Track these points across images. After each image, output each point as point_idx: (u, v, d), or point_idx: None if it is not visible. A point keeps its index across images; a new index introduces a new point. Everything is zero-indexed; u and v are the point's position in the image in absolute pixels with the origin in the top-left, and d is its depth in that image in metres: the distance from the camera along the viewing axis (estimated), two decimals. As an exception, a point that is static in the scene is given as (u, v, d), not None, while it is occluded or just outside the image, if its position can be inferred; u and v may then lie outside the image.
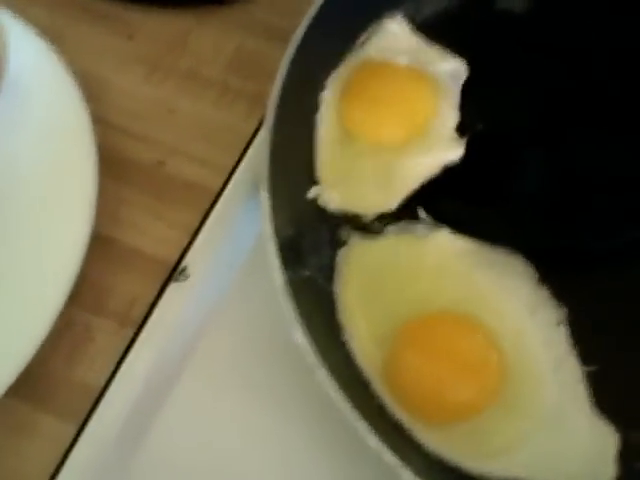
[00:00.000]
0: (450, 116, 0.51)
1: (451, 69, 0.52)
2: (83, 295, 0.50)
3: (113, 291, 0.51)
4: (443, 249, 0.47)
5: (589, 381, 0.43)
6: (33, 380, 0.47)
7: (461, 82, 0.52)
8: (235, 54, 0.60)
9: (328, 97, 0.51)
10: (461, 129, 0.50)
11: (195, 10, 0.62)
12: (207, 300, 0.49)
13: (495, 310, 0.45)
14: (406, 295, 0.46)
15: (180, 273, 0.48)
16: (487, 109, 0.51)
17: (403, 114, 0.51)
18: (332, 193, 0.49)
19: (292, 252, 0.45)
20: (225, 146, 0.55)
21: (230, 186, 0.51)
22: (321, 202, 0.48)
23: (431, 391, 0.43)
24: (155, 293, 0.50)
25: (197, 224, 0.51)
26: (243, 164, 0.52)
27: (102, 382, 0.47)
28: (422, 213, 0.48)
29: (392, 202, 0.48)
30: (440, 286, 0.46)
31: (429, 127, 0.50)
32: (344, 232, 0.48)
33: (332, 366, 0.41)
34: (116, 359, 0.48)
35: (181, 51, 0.60)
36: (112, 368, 0.47)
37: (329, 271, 0.47)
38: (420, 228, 0.48)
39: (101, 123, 0.54)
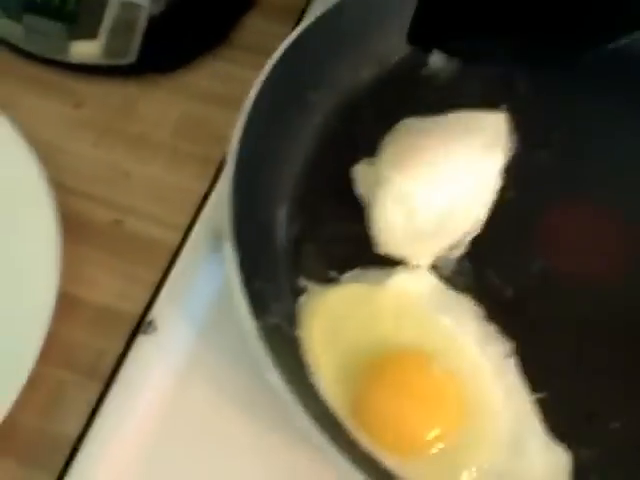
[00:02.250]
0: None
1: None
2: (53, 352, 0.50)
3: (81, 347, 0.52)
4: (399, 294, 0.50)
5: (540, 407, 0.47)
6: (10, 435, 0.47)
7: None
8: (180, 120, 0.62)
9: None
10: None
11: (138, 79, 0.63)
12: (175, 352, 0.50)
13: (451, 347, 0.48)
14: (367, 338, 0.48)
15: (148, 326, 0.49)
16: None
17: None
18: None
19: (257, 302, 0.46)
20: (179, 205, 0.57)
21: (189, 242, 0.52)
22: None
23: (398, 425, 0.45)
24: (120, 346, 0.51)
25: (156, 279, 0.53)
26: (200, 222, 0.53)
27: (75, 434, 0.48)
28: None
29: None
30: (399, 328, 0.49)
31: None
32: (302, 281, 0.50)
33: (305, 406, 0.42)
34: (87, 412, 0.49)
35: (128, 117, 0.61)
36: (84, 421, 0.48)
37: (292, 318, 0.49)
38: (372, 274, 0.51)
39: (57, 187, 0.55)
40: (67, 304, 0.52)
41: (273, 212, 0.52)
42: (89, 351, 0.51)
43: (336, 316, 0.49)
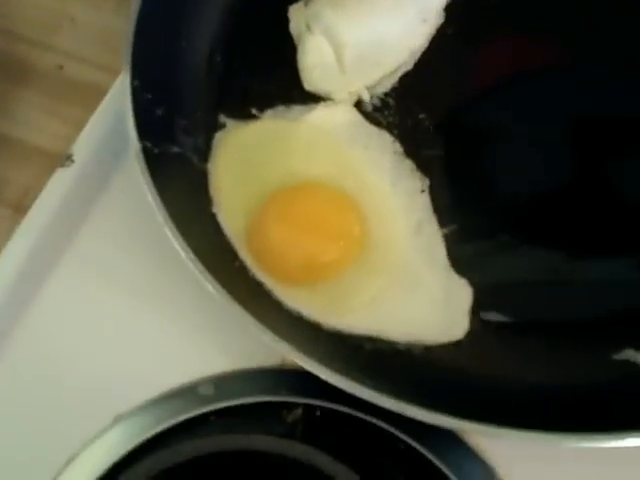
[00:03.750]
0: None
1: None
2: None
3: (9, 183, 0.51)
4: (314, 128, 0.47)
5: (446, 242, 0.44)
6: None
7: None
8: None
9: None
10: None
11: None
12: (91, 185, 0.48)
13: (359, 180, 0.45)
14: (277, 171, 0.46)
15: (66, 159, 0.48)
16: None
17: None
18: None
19: (162, 130, 0.45)
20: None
21: (116, 82, 0.50)
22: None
23: (291, 252, 0.43)
24: (48, 183, 0.50)
25: (90, 120, 0.51)
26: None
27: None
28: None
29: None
30: (310, 162, 0.46)
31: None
32: (221, 116, 0.48)
33: (195, 233, 0.41)
34: (9, 243, 0.48)
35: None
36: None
37: (204, 152, 0.47)
38: (295, 111, 0.48)
39: (3, 34, 0.55)
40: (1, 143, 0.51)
41: (196, 44, 0.49)
42: (16, 187, 0.51)
43: (249, 151, 0.47)
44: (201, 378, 0.43)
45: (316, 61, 0.48)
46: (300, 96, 0.48)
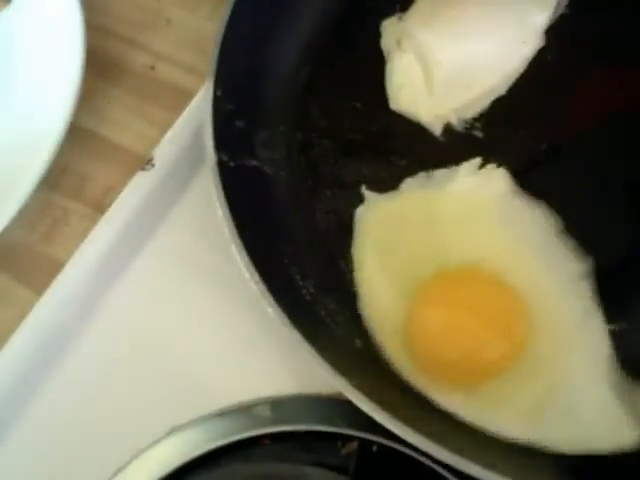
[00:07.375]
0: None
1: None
2: (64, 182, 0.51)
3: (92, 180, 0.51)
4: (462, 199, 0.43)
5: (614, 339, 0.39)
6: (9, 252, 0.48)
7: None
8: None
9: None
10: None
11: None
12: (169, 191, 0.48)
13: (516, 265, 0.41)
14: (425, 247, 0.42)
15: (147, 163, 0.47)
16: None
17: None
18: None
19: (241, 142, 0.43)
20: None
21: (203, 87, 0.49)
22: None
23: (462, 350, 0.39)
24: (129, 184, 0.49)
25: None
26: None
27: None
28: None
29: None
30: (461, 238, 0.42)
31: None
32: (362, 189, 0.44)
33: (263, 252, 0.39)
34: (86, 242, 0.47)
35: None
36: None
37: (282, 164, 0.45)
38: (437, 178, 0.44)
39: (101, 31, 0.55)
40: (86, 139, 0.52)
41: (284, 56, 0.48)
42: (98, 185, 0.51)
43: (392, 226, 0.44)
44: (259, 398, 0.41)
45: (404, 80, 0.46)
46: (387, 116, 0.46)
